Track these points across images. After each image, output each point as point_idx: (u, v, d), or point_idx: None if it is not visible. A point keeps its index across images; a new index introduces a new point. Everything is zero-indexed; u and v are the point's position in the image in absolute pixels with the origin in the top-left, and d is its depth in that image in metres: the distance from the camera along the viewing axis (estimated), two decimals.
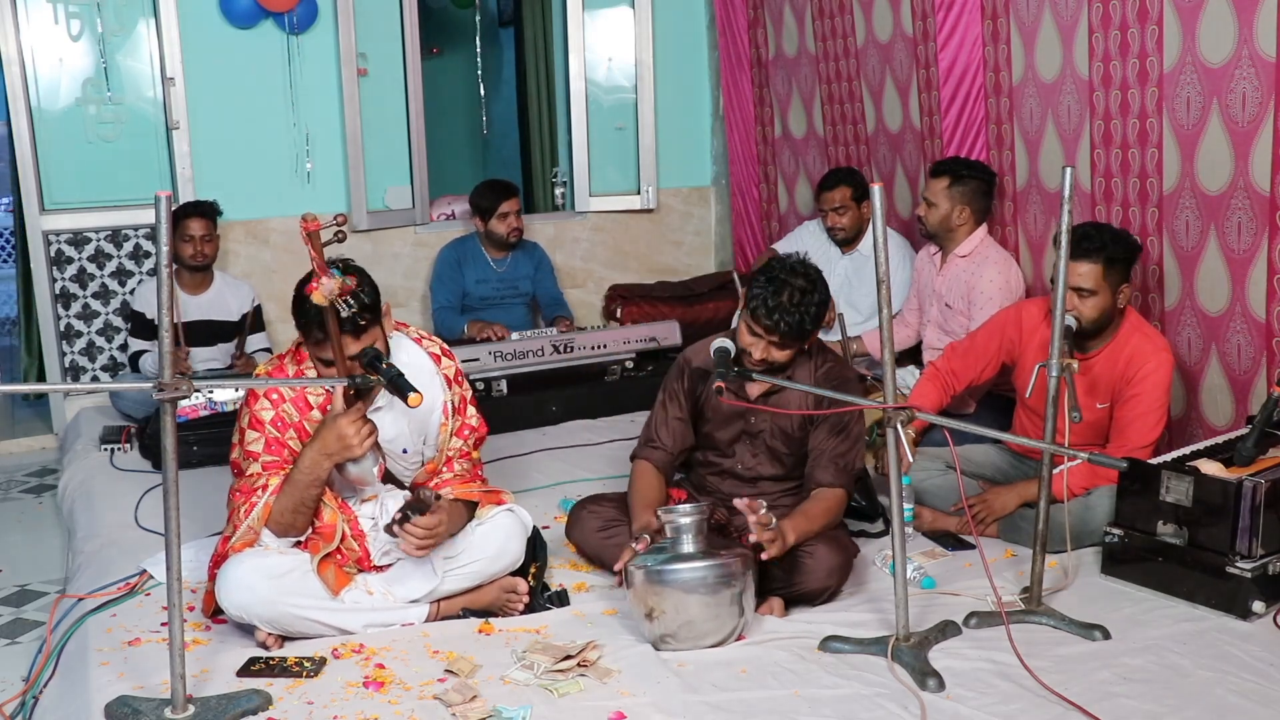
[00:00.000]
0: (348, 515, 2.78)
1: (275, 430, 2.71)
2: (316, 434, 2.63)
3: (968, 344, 3.51)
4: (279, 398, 2.72)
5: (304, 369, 2.76)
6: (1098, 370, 3.20)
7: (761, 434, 3.05)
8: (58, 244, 4.98)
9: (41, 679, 2.64)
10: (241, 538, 2.66)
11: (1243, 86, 3.16)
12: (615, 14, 5.96)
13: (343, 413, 2.60)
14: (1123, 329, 3.20)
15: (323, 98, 5.23)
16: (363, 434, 2.60)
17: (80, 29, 4.89)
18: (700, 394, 3.09)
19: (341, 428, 2.58)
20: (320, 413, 2.71)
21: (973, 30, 4.13)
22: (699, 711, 2.33)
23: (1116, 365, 3.18)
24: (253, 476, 2.69)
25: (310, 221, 2.45)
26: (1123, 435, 3.16)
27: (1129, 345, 3.17)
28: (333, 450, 2.60)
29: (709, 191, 6.23)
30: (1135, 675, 2.44)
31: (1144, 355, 3.14)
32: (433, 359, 2.88)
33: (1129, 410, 3.16)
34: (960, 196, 3.99)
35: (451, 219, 5.82)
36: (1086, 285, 3.09)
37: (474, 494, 2.89)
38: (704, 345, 3.10)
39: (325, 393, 2.71)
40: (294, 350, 2.81)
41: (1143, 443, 3.13)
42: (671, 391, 3.13)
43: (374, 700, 2.39)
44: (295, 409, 2.72)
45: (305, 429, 2.71)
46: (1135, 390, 3.14)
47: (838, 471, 2.93)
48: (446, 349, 2.95)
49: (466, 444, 2.92)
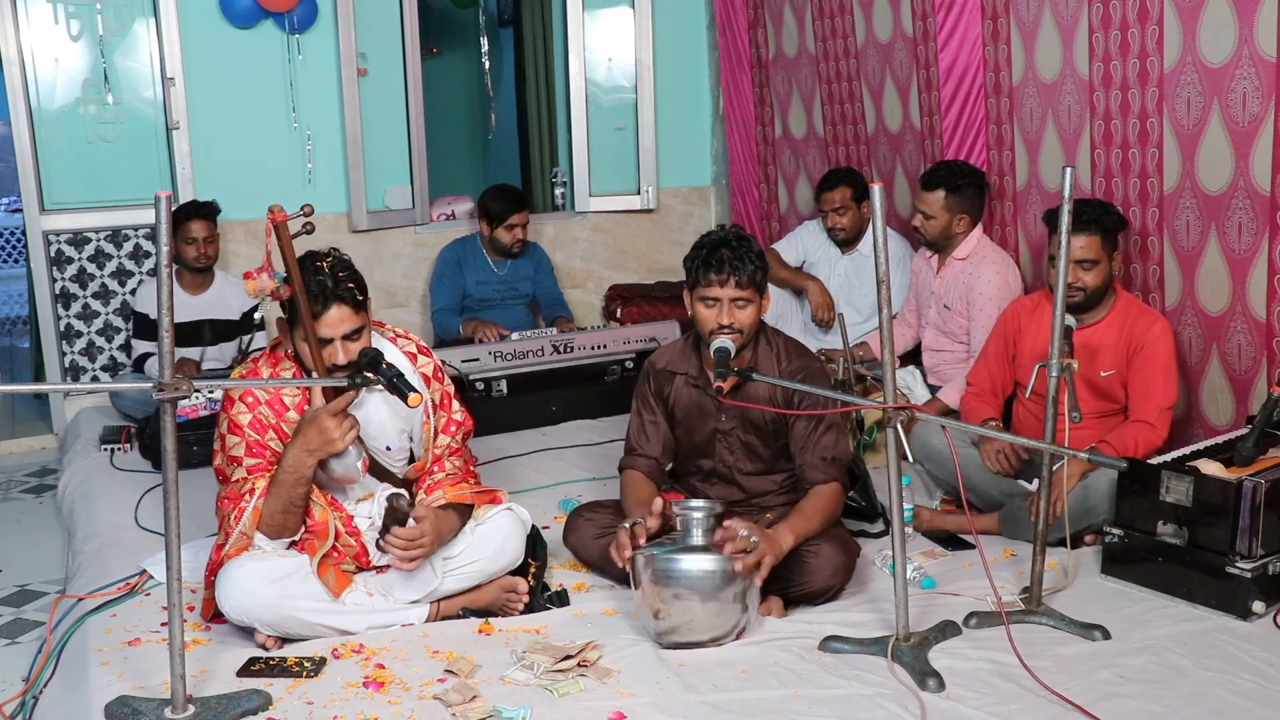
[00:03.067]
0: (339, 512, 2.77)
1: (254, 433, 2.70)
2: (298, 431, 2.63)
3: (982, 364, 3.53)
4: (254, 400, 2.71)
5: (279, 370, 2.75)
6: (1100, 338, 3.27)
7: (734, 430, 3.05)
8: (58, 244, 4.98)
9: (41, 679, 2.64)
10: (235, 544, 2.65)
11: (1243, 86, 3.16)
12: (615, 14, 5.96)
13: (323, 407, 2.60)
14: (1120, 300, 3.32)
15: (323, 98, 5.23)
16: (344, 428, 2.60)
17: (80, 29, 4.89)
18: (668, 395, 3.10)
19: (322, 421, 2.58)
20: (297, 413, 2.70)
21: (973, 30, 4.13)
22: (699, 711, 2.33)
23: (1121, 331, 3.26)
24: (239, 482, 2.69)
25: (278, 212, 2.47)
26: (1144, 402, 3.22)
27: (1130, 313, 3.29)
28: (315, 446, 2.60)
29: (709, 191, 6.23)
30: (1135, 675, 2.44)
31: (1146, 323, 3.25)
32: (409, 357, 2.88)
33: (1144, 374, 3.22)
34: (957, 205, 4.00)
35: (451, 219, 5.82)
36: (1089, 256, 3.21)
37: (467, 496, 2.87)
38: (668, 348, 3.16)
39: (301, 393, 2.71)
40: (268, 353, 2.82)
41: (1165, 404, 3.20)
42: (642, 397, 3.14)
43: (374, 700, 2.39)
44: (271, 411, 2.72)
45: (283, 430, 2.70)
46: (1146, 355, 3.22)
47: (826, 466, 2.93)
48: (424, 346, 2.95)
49: (454, 440, 2.92)
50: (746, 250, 2.89)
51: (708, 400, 3.03)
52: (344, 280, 2.65)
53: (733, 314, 2.88)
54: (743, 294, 2.88)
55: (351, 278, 2.67)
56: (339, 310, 2.62)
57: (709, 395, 3.00)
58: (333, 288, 2.62)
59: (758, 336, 3.01)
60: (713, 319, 2.90)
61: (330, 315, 2.62)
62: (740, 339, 2.90)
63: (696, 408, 3.07)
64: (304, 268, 2.62)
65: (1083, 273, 3.21)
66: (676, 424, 3.11)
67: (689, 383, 3.07)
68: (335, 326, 2.63)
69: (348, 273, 2.67)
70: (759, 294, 2.92)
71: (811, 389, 2.82)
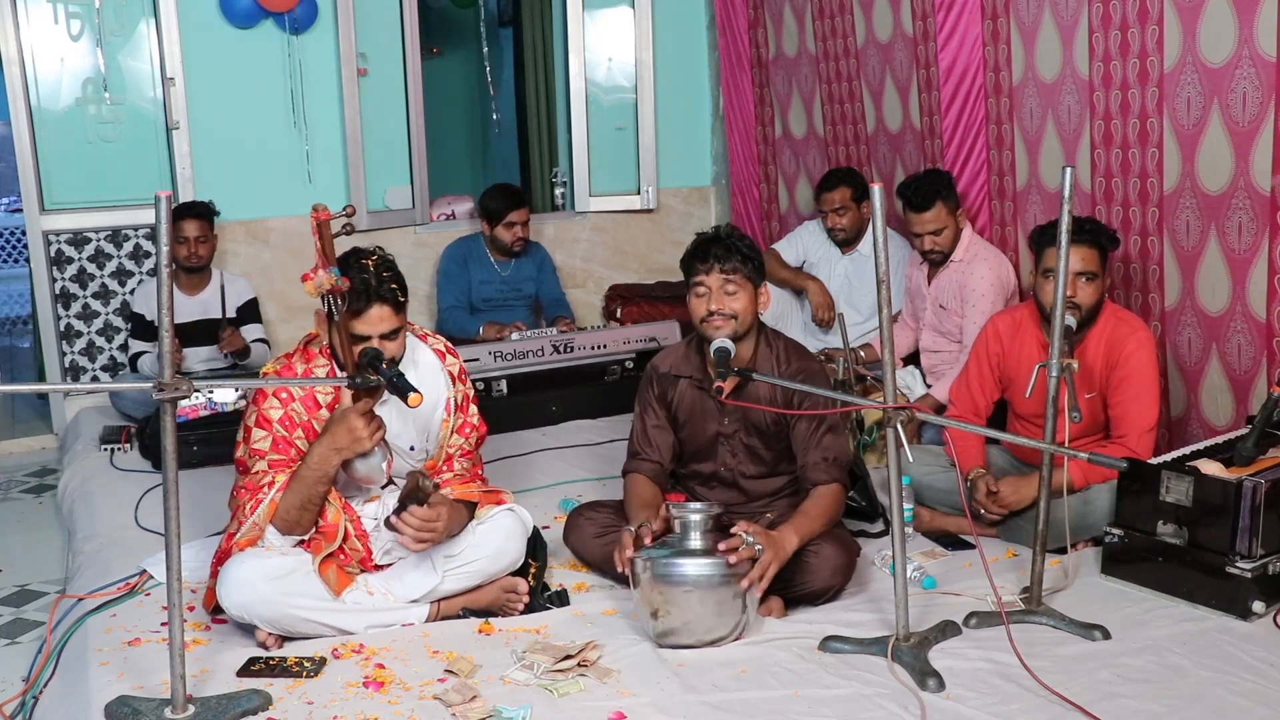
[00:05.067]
0: (351, 515, 2.78)
1: (283, 429, 2.71)
2: (326, 429, 2.64)
3: (963, 382, 3.48)
4: (288, 396, 2.73)
5: (312, 367, 2.77)
6: (1084, 360, 3.20)
7: (736, 433, 3.05)
8: (58, 244, 4.98)
9: (41, 679, 2.64)
10: (246, 534, 2.66)
11: (1243, 86, 3.16)
12: (615, 14, 5.96)
13: (352, 407, 2.61)
14: (1102, 315, 3.22)
15: (323, 98, 5.23)
16: (372, 428, 2.62)
17: (80, 29, 4.89)
18: (671, 399, 3.10)
19: (351, 421, 2.60)
20: (329, 411, 2.71)
21: (973, 30, 4.13)
22: (699, 711, 2.33)
23: (1099, 352, 3.19)
24: (259, 474, 2.70)
25: (321, 211, 2.50)
26: (1124, 424, 3.16)
27: (1107, 330, 3.19)
28: (343, 445, 2.61)
29: (709, 191, 6.23)
30: (1135, 675, 2.44)
31: (1122, 337, 3.16)
32: (438, 355, 2.91)
33: (1123, 394, 3.15)
34: (954, 209, 4.02)
35: (451, 219, 5.82)
36: (1090, 268, 3.12)
37: (474, 494, 2.89)
38: (670, 352, 3.16)
39: (335, 391, 2.72)
40: (302, 348, 2.82)
41: (1145, 425, 3.13)
42: (645, 402, 3.14)
43: (374, 700, 2.39)
44: (304, 408, 2.73)
45: (314, 428, 2.72)
46: (1123, 374, 3.14)
47: (828, 466, 2.93)
48: (450, 346, 2.98)
49: (468, 442, 2.93)
50: (735, 241, 2.95)
51: (710, 403, 3.03)
52: (388, 280, 2.67)
53: (721, 300, 2.90)
54: (730, 279, 2.90)
55: (395, 278, 2.70)
56: (380, 309, 2.65)
57: (712, 397, 3.00)
58: (376, 286, 2.64)
59: (757, 339, 3.01)
60: (703, 307, 2.92)
61: (371, 314, 2.64)
62: (733, 326, 2.90)
63: (699, 410, 3.07)
64: (348, 264, 2.65)
65: (1081, 287, 3.11)
66: (679, 427, 3.11)
67: (693, 385, 3.07)
68: (375, 325, 2.65)
69: (391, 273, 2.70)
70: (751, 284, 2.93)
71: (812, 389, 2.82)
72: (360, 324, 2.64)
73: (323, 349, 2.78)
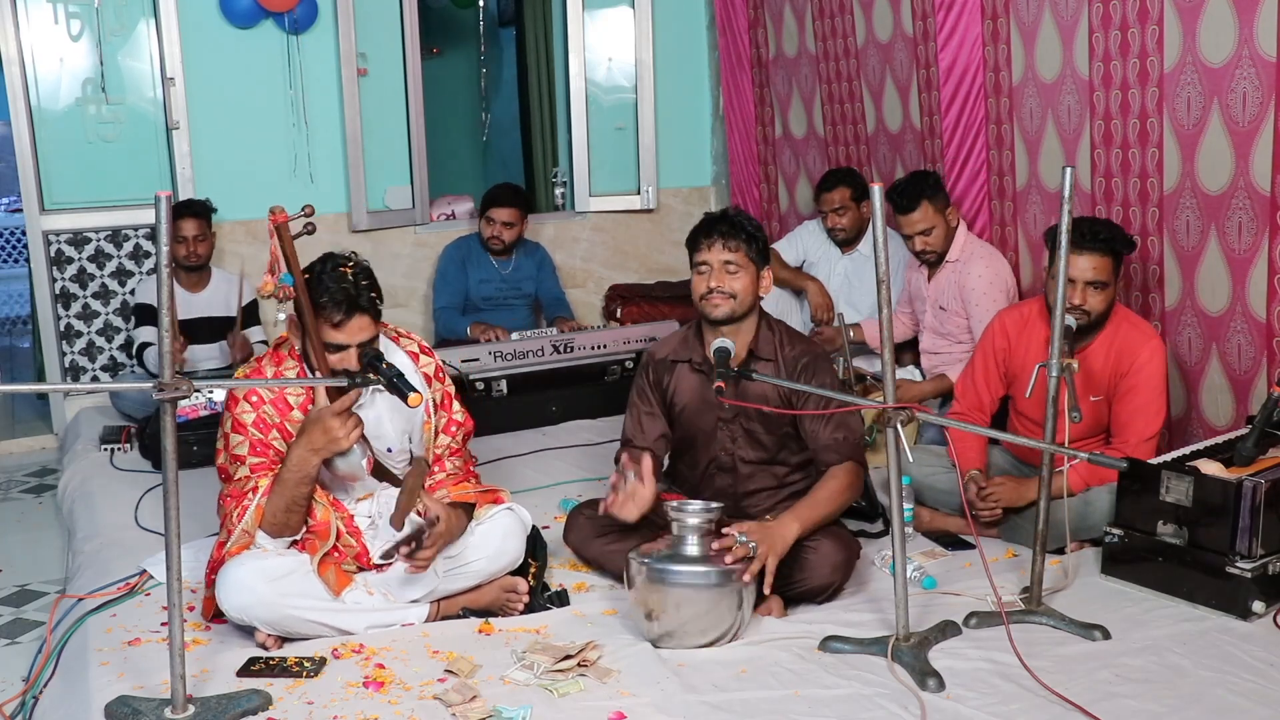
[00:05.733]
0: (341, 512, 2.78)
1: (258, 432, 2.70)
2: (302, 430, 2.63)
3: (968, 377, 3.48)
4: (259, 399, 2.72)
5: (283, 370, 2.76)
6: (1090, 363, 3.19)
7: (736, 417, 3.04)
8: (58, 244, 4.98)
9: (41, 679, 2.64)
10: (236, 542, 2.66)
11: (1243, 86, 3.16)
12: (615, 14, 5.96)
13: (327, 407, 2.60)
14: (1112, 320, 3.19)
15: (323, 98, 5.23)
16: (348, 427, 2.61)
17: (80, 29, 4.89)
18: (667, 385, 3.09)
19: (327, 421, 2.59)
20: (301, 413, 2.71)
21: (973, 30, 4.13)
22: (699, 711, 2.33)
23: (1109, 357, 3.17)
24: (242, 480, 2.69)
25: (279, 214, 2.47)
26: (1125, 431, 3.16)
27: (1119, 335, 3.17)
28: (319, 445, 2.60)
29: (709, 191, 6.22)
30: (1135, 675, 2.44)
31: (1135, 345, 3.14)
32: (411, 357, 2.89)
33: (1128, 404, 3.15)
34: (942, 208, 4.01)
35: (451, 219, 5.82)
36: (1101, 278, 3.09)
37: (470, 495, 2.88)
38: (667, 340, 3.17)
39: (305, 392, 2.71)
40: (272, 351, 2.82)
41: (1146, 436, 3.13)
42: (639, 390, 3.14)
43: (374, 700, 2.39)
44: (275, 410, 2.72)
45: (287, 429, 2.71)
46: (1131, 383, 3.13)
47: (839, 445, 2.92)
48: (425, 346, 2.96)
49: (454, 440, 2.93)
50: (741, 220, 2.95)
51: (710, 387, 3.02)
52: (366, 290, 2.66)
53: (721, 278, 2.90)
54: (732, 256, 2.89)
55: (373, 287, 2.69)
56: (360, 320, 2.64)
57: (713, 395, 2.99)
58: (356, 296, 2.63)
59: (759, 323, 3.01)
60: (703, 284, 2.92)
61: (351, 324, 2.63)
62: (732, 306, 2.90)
63: (699, 394, 3.05)
64: (325, 271, 2.64)
65: (1091, 294, 3.08)
66: (677, 414, 3.10)
67: (693, 369, 3.06)
68: (355, 335, 2.64)
69: (369, 282, 2.68)
70: (754, 266, 2.93)
71: (812, 389, 2.81)
72: (339, 334, 2.63)
73: (292, 351, 2.77)
